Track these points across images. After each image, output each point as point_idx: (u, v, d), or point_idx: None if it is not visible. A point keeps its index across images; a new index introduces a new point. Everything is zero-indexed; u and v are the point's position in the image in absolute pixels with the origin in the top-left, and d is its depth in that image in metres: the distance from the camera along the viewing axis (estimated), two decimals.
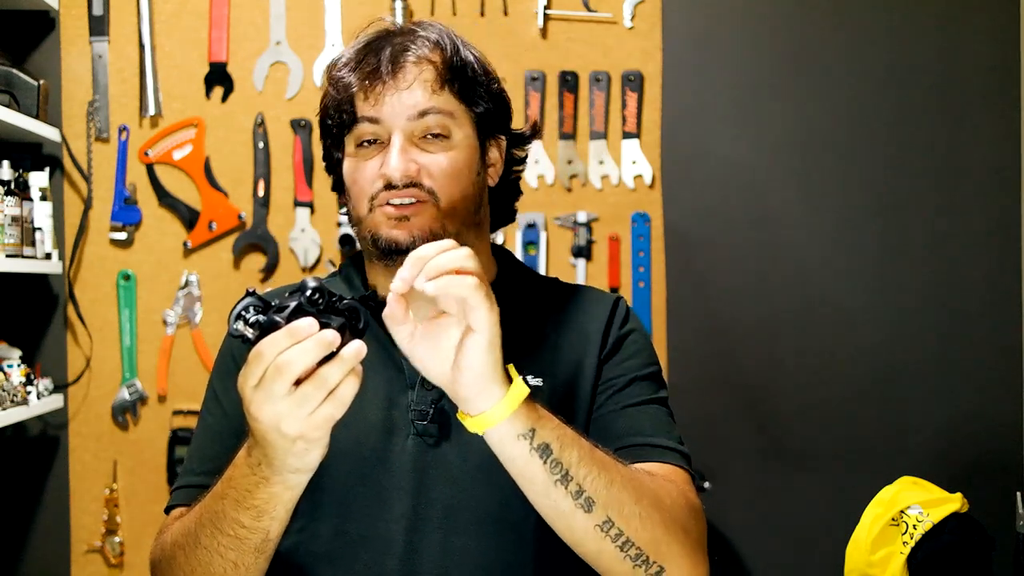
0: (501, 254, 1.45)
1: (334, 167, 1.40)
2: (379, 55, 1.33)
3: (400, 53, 1.32)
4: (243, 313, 1.04)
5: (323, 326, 1.03)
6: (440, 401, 1.29)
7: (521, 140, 1.44)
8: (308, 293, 1.05)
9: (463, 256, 1.07)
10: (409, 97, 1.31)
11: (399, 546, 1.27)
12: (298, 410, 1.03)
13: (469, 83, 1.35)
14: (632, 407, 1.33)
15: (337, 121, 1.34)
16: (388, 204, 1.30)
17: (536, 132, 1.48)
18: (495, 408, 1.10)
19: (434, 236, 1.27)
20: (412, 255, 1.07)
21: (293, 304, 1.04)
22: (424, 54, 1.33)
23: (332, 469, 1.24)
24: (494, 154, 1.40)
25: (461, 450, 1.28)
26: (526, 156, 1.46)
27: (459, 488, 1.25)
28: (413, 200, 1.29)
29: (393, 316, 1.09)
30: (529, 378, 1.29)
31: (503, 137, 1.41)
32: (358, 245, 1.41)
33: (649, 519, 1.16)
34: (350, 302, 1.08)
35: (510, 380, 1.12)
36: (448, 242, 1.09)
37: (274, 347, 1.02)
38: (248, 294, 1.05)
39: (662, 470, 1.28)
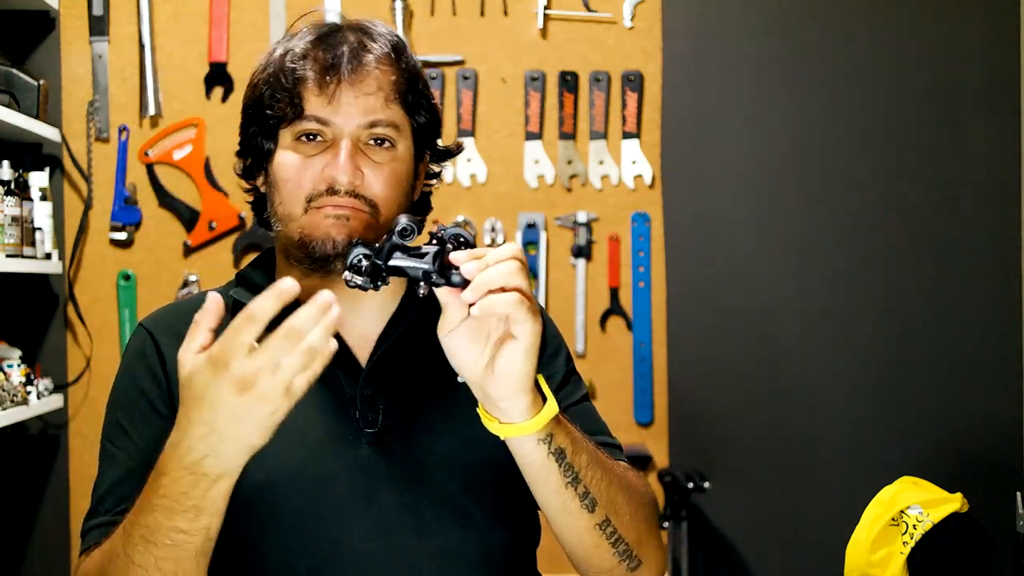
0: None
1: (258, 155, 1.33)
2: (335, 51, 1.26)
3: (359, 53, 1.27)
4: (355, 263, 1.11)
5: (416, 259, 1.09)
6: (386, 406, 1.26)
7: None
8: (399, 230, 1.11)
9: (508, 273, 1.07)
10: (364, 104, 1.26)
11: (379, 556, 1.22)
12: (272, 370, 1.00)
13: (417, 95, 1.31)
14: (574, 406, 1.34)
15: (278, 112, 1.28)
16: (327, 208, 1.24)
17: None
18: (527, 422, 1.12)
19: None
20: (472, 267, 1.07)
21: (388, 246, 1.10)
22: (383, 59, 1.28)
23: (281, 493, 1.22)
24: (421, 168, 1.36)
25: (418, 451, 1.26)
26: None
27: (417, 488, 1.23)
28: (352, 209, 1.24)
29: (448, 322, 1.10)
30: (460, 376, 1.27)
31: (429, 151, 1.36)
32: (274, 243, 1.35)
33: (635, 517, 1.23)
34: (454, 229, 1.11)
35: (537, 387, 1.13)
36: (503, 251, 1.08)
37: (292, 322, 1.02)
38: (355, 244, 1.12)
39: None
